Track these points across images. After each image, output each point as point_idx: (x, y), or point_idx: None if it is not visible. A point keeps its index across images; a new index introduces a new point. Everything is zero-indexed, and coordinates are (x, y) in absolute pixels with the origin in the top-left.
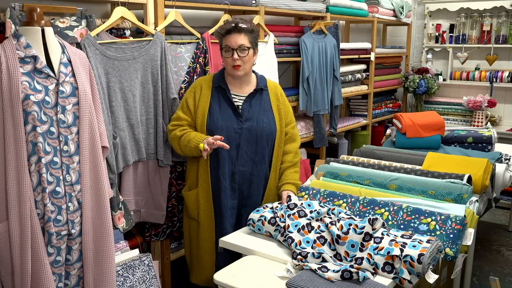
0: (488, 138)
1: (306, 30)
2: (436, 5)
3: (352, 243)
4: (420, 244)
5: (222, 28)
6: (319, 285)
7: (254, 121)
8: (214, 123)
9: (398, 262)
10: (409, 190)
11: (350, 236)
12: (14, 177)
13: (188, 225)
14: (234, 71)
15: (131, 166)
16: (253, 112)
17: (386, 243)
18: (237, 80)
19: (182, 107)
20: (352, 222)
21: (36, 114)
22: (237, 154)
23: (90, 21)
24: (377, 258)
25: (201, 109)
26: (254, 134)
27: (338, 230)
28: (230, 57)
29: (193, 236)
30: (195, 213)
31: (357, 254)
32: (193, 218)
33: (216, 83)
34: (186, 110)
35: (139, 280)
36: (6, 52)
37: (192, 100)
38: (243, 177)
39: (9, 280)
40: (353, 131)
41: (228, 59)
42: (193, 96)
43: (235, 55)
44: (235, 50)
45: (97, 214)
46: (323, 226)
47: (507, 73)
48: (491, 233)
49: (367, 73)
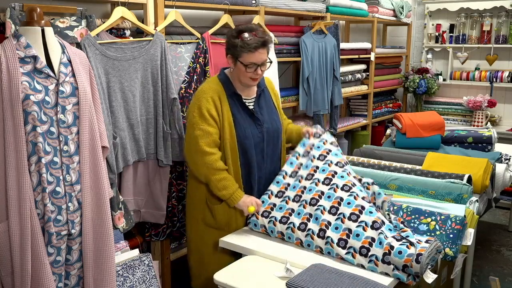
0: (488, 138)
1: (306, 30)
2: (436, 5)
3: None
4: (407, 249)
5: (249, 43)
6: (319, 285)
7: (269, 123)
8: (243, 132)
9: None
10: (409, 190)
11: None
12: (14, 177)
13: (201, 232)
14: (251, 82)
15: (131, 166)
16: (264, 113)
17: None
18: (244, 85)
19: (205, 120)
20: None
21: (36, 114)
22: (263, 159)
23: (90, 21)
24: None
25: (227, 120)
26: (272, 136)
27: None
28: (253, 72)
29: (208, 243)
30: (223, 223)
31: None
32: (215, 227)
33: (229, 91)
34: (213, 122)
35: (139, 280)
36: (6, 52)
37: (215, 111)
38: (267, 179)
39: (9, 280)
40: (353, 131)
41: (250, 74)
42: (213, 106)
43: (259, 71)
44: (259, 66)
45: (97, 214)
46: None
47: (507, 73)
48: (491, 233)
49: (367, 73)
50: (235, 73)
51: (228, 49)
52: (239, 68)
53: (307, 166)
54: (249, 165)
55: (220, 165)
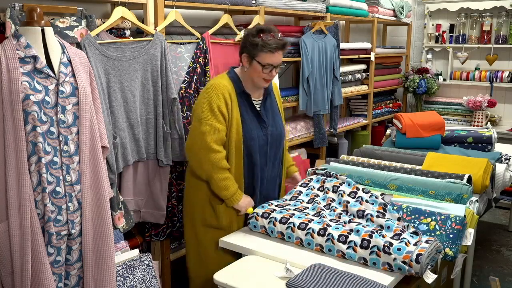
0: (488, 138)
1: (306, 30)
2: (436, 5)
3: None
4: (406, 246)
5: (269, 43)
6: (319, 285)
7: (274, 126)
8: (249, 133)
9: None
10: (409, 190)
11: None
12: (14, 177)
13: (201, 235)
14: (264, 83)
15: (131, 166)
16: (269, 116)
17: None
18: (255, 86)
19: (215, 116)
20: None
21: (36, 114)
22: (266, 161)
23: (90, 21)
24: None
25: (235, 118)
26: (275, 139)
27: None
28: (268, 73)
29: (208, 245)
30: (225, 223)
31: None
32: (217, 227)
33: (238, 89)
34: (222, 119)
35: (139, 280)
36: (6, 52)
37: (225, 109)
38: (269, 181)
39: (9, 280)
40: (353, 131)
41: (265, 74)
42: (224, 103)
43: (274, 72)
44: (275, 67)
45: (97, 214)
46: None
47: (507, 73)
48: (491, 233)
49: (367, 73)
50: (248, 73)
51: (244, 48)
52: (255, 68)
53: (307, 194)
54: (253, 166)
55: (224, 164)
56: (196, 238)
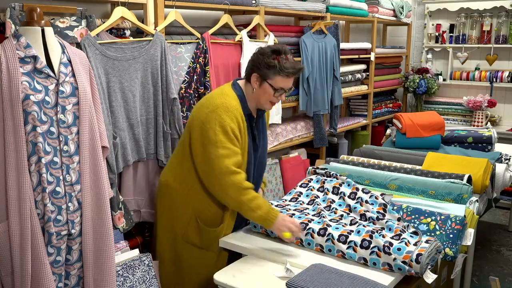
0: (488, 138)
1: (306, 30)
2: (436, 5)
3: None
4: (406, 246)
5: (287, 67)
6: (319, 285)
7: (262, 148)
8: (250, 157)
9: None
10: (409, 190)
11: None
12: (14, 177)
13: (180, 249)
14: (270, 106)
15: (131, 166)
16: (260, 138)
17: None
18: (258, 106)
19: (230, 140)
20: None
21: (36, 114)
22: (251, 182)
23: (90, 21)
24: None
25: (243, 142)
26: (261, 162)
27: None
28: (279, 96)
29: (188, 259)
30: (207, 244)
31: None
32: (198, 247)
33: (245, 110)
34: (237, 143)
35: (139, 280)
36: (6, 52)
37: (238, 132)
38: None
39: (9, 280)
40: (353, 131)
41: (274, 98)
42: (237, 127)
43: (283, 97)
44: (285, 91)
45: (97, 214)
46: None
47: (507, 73)
48: (491, 233)
49: (367, 73)
50: (256, 94)
51: (256, 68)
52: (265, 90)
53: (307, 195)
54: None
55: (248, 184)
56: (175, 251)
